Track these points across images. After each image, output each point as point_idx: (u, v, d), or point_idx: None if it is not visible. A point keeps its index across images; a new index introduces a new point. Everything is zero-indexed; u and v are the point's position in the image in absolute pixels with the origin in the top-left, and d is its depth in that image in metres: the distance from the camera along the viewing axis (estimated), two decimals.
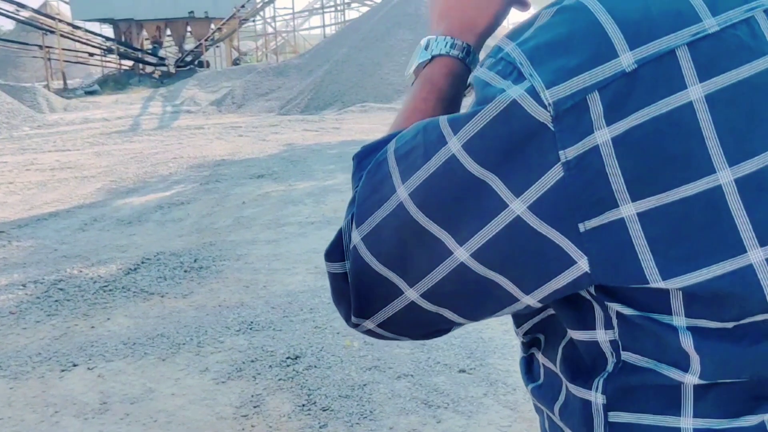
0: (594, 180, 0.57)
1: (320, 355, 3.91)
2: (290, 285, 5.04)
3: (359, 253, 0.69)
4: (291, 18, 36.85)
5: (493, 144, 0.59)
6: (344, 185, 8.11)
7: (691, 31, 0.57)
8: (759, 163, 0.56)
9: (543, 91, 0.57)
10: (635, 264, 0.58)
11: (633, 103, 0.56)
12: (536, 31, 0.61)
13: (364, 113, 15.86)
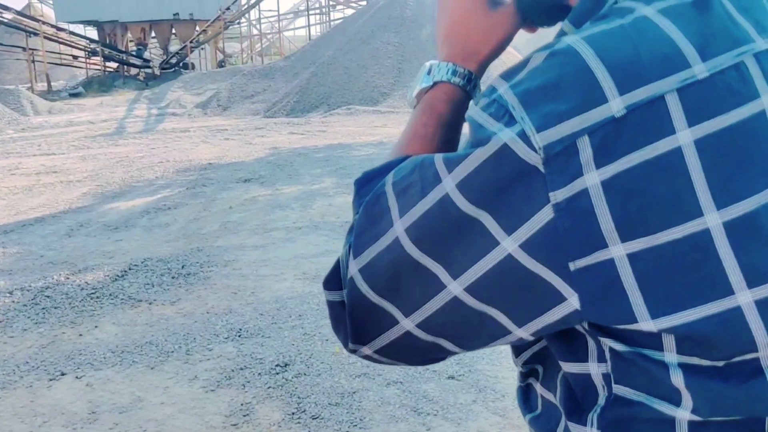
0: (584, 221, 0.58)
1: (309, 363, 3.91)
2: (278, 291, 5.04)
3: (356, 283, 0.71)
4: (276, 20, 36.80)
5: (485, 185, 0.61)
6: (331, 189, 8.12)
7: (681, 77, 0.58)
8: (746, 207, 0.58)
9: (534, 135, 0.58)
10: (624, 303, 0.59)
11: (622, 148, 0.57)
12: (528, 74, 0.62)
13: (350, 116, 15.87)
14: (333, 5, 31.65)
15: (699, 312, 0.59)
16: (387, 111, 15.87)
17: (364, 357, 0.77)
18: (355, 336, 0.75)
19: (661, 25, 0.61)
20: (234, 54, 36.81)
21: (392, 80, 17.40)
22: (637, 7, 0.63)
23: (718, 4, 0.63)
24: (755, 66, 0.61)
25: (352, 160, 9.84)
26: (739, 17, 0.63)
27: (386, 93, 17.01)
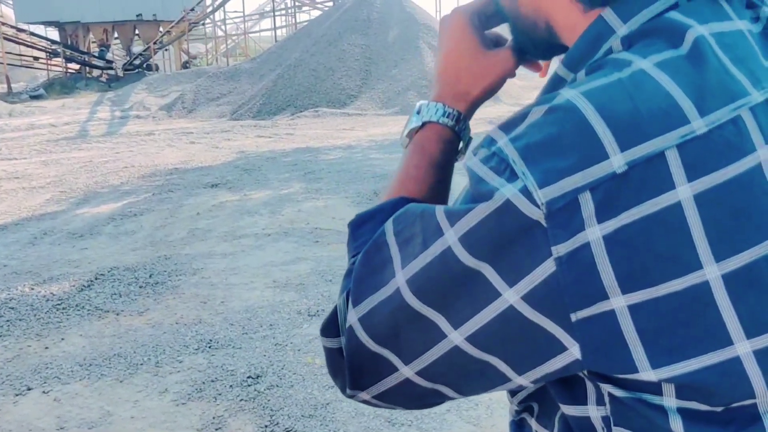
0: (585, 274, 0.59)
1: (282, 374, 3.89)
2: (249, 300, 5.00)
3: (355, 332, 0.72)
4: (241, 21, 36.56)
5: (487, 238, 0.61)
6: (300, 195, 8.08)
7: (681, 132, 0.59)
8: (745, 259, 0.59)
9: (536, 191, 0.59)
10: (625, 353, 0.60)
11: (623, 203, 0.58)
12: (528, 129, 0.62)
13: (318, 118, 15.82)
14: (299, 6, 31.53)
15: (699, 362, 0.59)
16: (354, 113, 15.85)
17: (362, 401, 0.78)
18: (354, 382, 0.75)
19: (659, 80, 0.61)
20: (199, 55, 36.49)
21: (359, 82, 17.39)
22: (634, 60, 0.63)
23: (712, 56, 0.63)
24: (751, 119, 0.61)
25: (321, 165, 9.80)
26: (733, 69, 0.63)
27: (353, 95, 16.99)
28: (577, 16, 0.72)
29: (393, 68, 17.40)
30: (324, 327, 0.76)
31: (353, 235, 0.82)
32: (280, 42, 23.68)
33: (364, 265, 0.72)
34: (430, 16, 20.88)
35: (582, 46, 0.70)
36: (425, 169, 0.84)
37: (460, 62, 0.87)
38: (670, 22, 0.65)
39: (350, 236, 0.83)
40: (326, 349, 0.77)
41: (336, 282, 5.23)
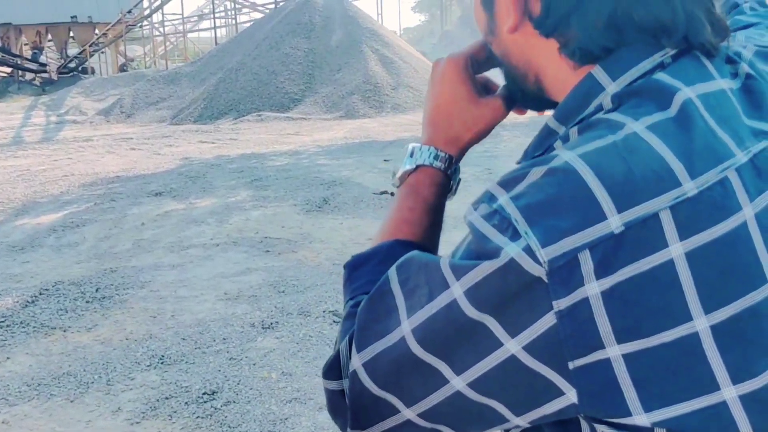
0: (584, 326, 0.62)
1: (238, 389, 3.85)
2: (200, 313, 4.93)
3: (358, 376, 0.74)
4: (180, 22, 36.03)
5: (492, 293, 0.64)
6: (248, 203, 8.00)
7: (673, 195, 0.63)
8: (731, 311, 0.63)
9: (539, 250, 0.62)
10: (620, 398, 0.63)
11: (620, 261, 0.62)
12: (528, 188, 0.65)
13: (261, 122, 15.70)
14: (239, 8, 31.22)
15: (689, 406, 0.63)
16: (299, 118, 15.77)
17: None
18: (355, 423, 0.78)
19: (652, 143, 0.64)
20: (136, 58, 35.81)
21: (303, 86, 17.31)
22: (627, 122, 0.66)
23: (699, 119, 0.66)
24: (737, 179, 0.65)
25: (268, 171, 9.72)
26: (719, 130, 0.67)
27: (297, 99, 16.91)
28: (567, 72, 0.75)
29: (337, 72, 17.37)
30: (326, 370, 0.78)
31: (350, 278, 0.85)
32: (221, 45, 23.42)
33: (369, 312, 0.74)
34: (373, 20, 20.92)
35: (572, 102, 0.73)
36: (420, 212, 0.87)
37: (453, 109, 0.89)
38: (658, 84, 0.68)
39: (347, 278, 0.86)
40: (328, 390, 0.79)
41: (288, 293, 5.21)
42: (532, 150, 0.79)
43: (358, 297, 0.81)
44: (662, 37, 0.70)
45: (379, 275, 0.79)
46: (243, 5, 31.47)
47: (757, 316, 0.64)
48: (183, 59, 31.15)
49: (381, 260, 0.83)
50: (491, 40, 0.84)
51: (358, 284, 0.83)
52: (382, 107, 15.86)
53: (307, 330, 4.54)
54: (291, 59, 17.96)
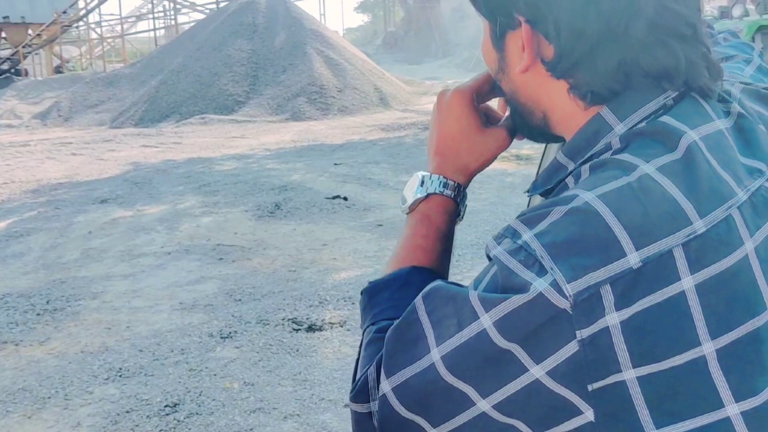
0: (604, 353, 0.68)
1: (200, 401, 3.82)
2: (156, 324, 4.88)
3: (388, 400, 0.79)
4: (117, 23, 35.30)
5: (519, 324, 0.69)
6: (197, 209, 7.92)
7: (685, 233, 0.69)
8: (734, 336, 0.69)
9: (565, 285, 0.68)
10: (633, 416, 0.69)
11: (638, 293, 0.68)
12: (551, 227, 0.71)
13: (204, 125, 15.51)
14: (178, 9, 30.73)
15: (696, 422, 0.69)
16: (243, 120, 15.63)
17: None
18: None
19: (663, 185, 0.71)
20: (72, 59, 34.95)
21: (247, 88, 17.17)
22: (639, 164, 0.72)
23: (703, 161, 0.73)
24: (739, 217, 0.72)
25: (216, 176, 9.63)
26: (721, 171, 0.73)
27: (241, 101, 16.76)
28: (575, 111, 0.81)
29: (281, 74, 17.27)
30: (355, 395, 0.83)
31: (370, 303, 0.90)
32: (162, 47, 23.05)
33: (397, 340, 0.79)
34: (317, 21, 20.86)
35: (582, 139, 0.79)
36: (433, 239, 0.92)
37: (461, 140, 0.95)
38: (665, 126, 0.74)
39: (366, 303, 0.91)
40: (356, 413, 0.84)
41: (245, 301, 5.19)
42: (542, 183, 0.84)
43: (381, 323, 0.86)
44: (664, 81, 0.76)
45: (399, 301, 0.85)
46: (182, 5, 31.00)
47: (757, 340, 0.71)
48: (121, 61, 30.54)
49: (400, 286, 0.89)
50: (501, 77, 0.89)
51: (379, 310, 0.88)
52: (328, 109, 15.85)
53: (267, 339, 4.53)
54: (234, 61, 17.79)
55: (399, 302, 0.84)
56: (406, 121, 13.82)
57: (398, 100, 17.01)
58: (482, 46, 0.91)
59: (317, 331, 4.65)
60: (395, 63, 27.58)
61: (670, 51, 0.76)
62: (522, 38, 0.80)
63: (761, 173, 0.77)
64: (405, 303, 0.81)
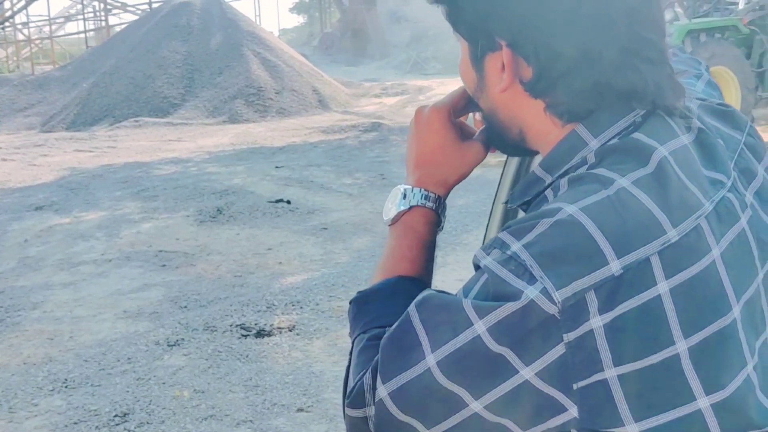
0: (588, 354, 0.74)
1: (150, 410, 3.79)
2: (100, 333, 4.80)
3: (385, 405, 0.83)
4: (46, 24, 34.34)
5: (511, 329, 0.75)
6: (137, 215, 7.79)
7: (661, 241, 0.75)
8: (704, 334, 0.76)
9: (554, 292, 0.73)
10: (614, 411, 0.75)
11: (619, 298, 0.74)
12: (539, 238, 0.76)
13: (139, 128, 15.21)
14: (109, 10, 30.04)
15: (671, 415, 0.75)
16: (179, 123, 15.39)
17: None
18: None
19: (639, 197, 0.77)
20: None
21: (182, 90, 16.90)
22: (616, 178, 0.78)
23: (673, 174, 0.79)
24: (707, 225, 0.79)
25: (155, 181, 9.48)
26: (689, 183, 0.80)
27: (177, 104, 16.49)
28: (550, 128, 0.87)
29: (218, 75, 17.06)
30: (351, 400, 0.87)
31: (360, 312, 0.94)
32: (93, 48, 22.55)
33: (392, 348, 0.83)
34: (253, 23, 20.69)
35: (558, 154, 0.86)
36: (417, 249, 0.97)
37: (440, 154, 1.00)
38: (637, 143, 0.81)
39: (356, 312, 0.95)
40: (352, 418, 0.87)
41: (191, 308, 5.15)
42: (520, 194, 0.90)
43: (372, 331, 0.90)
44: (634, 101, 0.83)
45: (389, 309, 0.89)
46: (113, 6, 30.35)
47: (724, 338, 0.77)
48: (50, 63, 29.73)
49: (388, 295, 0.93)
50: (479, 96, 0.94)
51: (369, 318, 0.92)
52: (266, 111, 15.73)
53: (216, 345, 4.51)
54: (169, 63, 17.50)
55: (388, 311, 0.89)
56: (347, 123, 13.83)
57: (337, 101, 17.01)
58: (460, 65, 0.95)
59: (266, 336, 4.65)
60: (332, 64, 27.55)
61: (640, 73, 0.82)
62: (502, 60, 0.86)
63: (723, 184, 0.84)
64: (394, 311, 0.86)
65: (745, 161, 0.91)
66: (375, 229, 6.84)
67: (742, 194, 0.87)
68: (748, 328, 0.80)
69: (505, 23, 0.84)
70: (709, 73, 1.12)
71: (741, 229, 0.83)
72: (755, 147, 0.95)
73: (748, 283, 0.82)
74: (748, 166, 0.91)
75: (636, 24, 0.82)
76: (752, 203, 0.88)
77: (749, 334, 0.80)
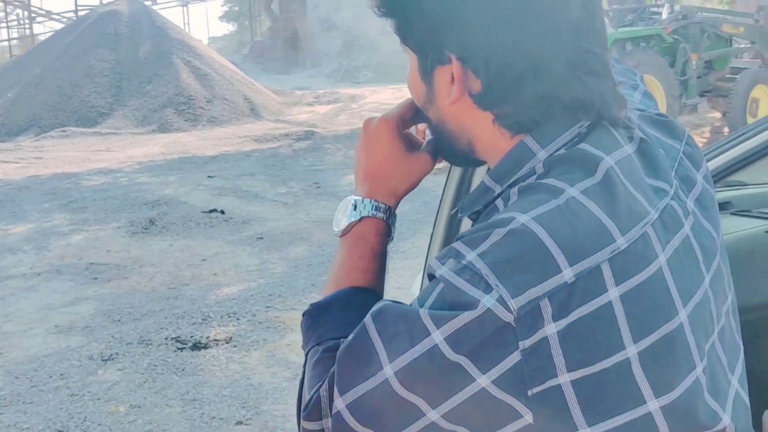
0: (542, 360, 0.75)
1: (85, 427, 3.72)
2: (31, 349, 4.69)
3: (342, 417, 0.84)
4: None
5: (468, 338, 0.76)
6: (66, 227, 7.62)
7: (610, 249, 0.78)
8: (652, 339, 0.78)
9: (509, 301, 0.75)
10: (567, 416, 0.77)
11: (572, 305, 0.76)
12: (493, 248, 0.78)
13: (67, 139, 14.83)
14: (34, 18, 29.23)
15: (623, 418, 0.77)
16: (108, 132, 15.07)
17: None
18: None
19: (588, 207, 0.80)
20: None
21: (111, 99, 16.56)
22: (565, 188, 0.81)
23: (620, 184, 0.82)
24: (653, 233, 0.82)
25: (84, 192, 9.26)
26: (634, 192, 0.83)
27: (105, 113, 16.15)
28: (499, 139, 0.89)
29: (147, 84, 16.78)
30: (308, 414, 0.87)
31: (313, 323, 0.95)
32: (17, 57, 21.90)
33: (349, 359, 0.84)
34: (183, 31, 20.41)
35: (507, 164, 0.88)
36: (369, 259, 0.98)
37: (389, 165, 1.01)
38: (584, 153, 0.84)
39: (309, 324, 0.95)
40: (308, 431, 0.88)
41: (125, 321, 5.07)
42: (470, 204, 0.93)
43: (327, 343, 0.91)
44: (580, 112, 0.86)
45: (343, 321, 0.90)
46: (38, 14, 29.54)
47: (672, 341, 0.80)
48: None
49: (342, 307, 0.94)
50: (428, 108, 0.95)
51: (323, 330, 0.93)
52: (197, 120, 15.54)
53: (151, 359, 4.46)
54: (96, 71, 17.13)
55: (342, 322, 0.90)
56: (279, 131, 13.78)
57: (269, 110, 16.92)
58: (408, 78, 0.96)
59: (203, 348, 4.61)
60: (263, 73, 27.39)
61: (586, 85, 0.85)
62: (451, 72, 0.87)
63: (666, 193, 0.87)
64: (348, 323, 0.87)
65: (685, 169, 0.94)
66: (311, 238, 6.83)
67: (684, 202, 0.90)
68: (698, 332, 0.83)
69: (456, 38, 0.85)
70: (644, 84, 1.16)
71: (685, 235, 0.86)
72: (693, 156, 0.98)
73: (695, 288, 0.85)
74: (687, 174, 0.94)
75: (581, 37, 0.85)
76: (693, 210, 0.90)
77: (698, 337, 0.83)
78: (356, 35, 29.90)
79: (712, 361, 0.85)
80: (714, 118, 12.74)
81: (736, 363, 0.93)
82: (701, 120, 12.58)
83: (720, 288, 0.92)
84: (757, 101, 10.74)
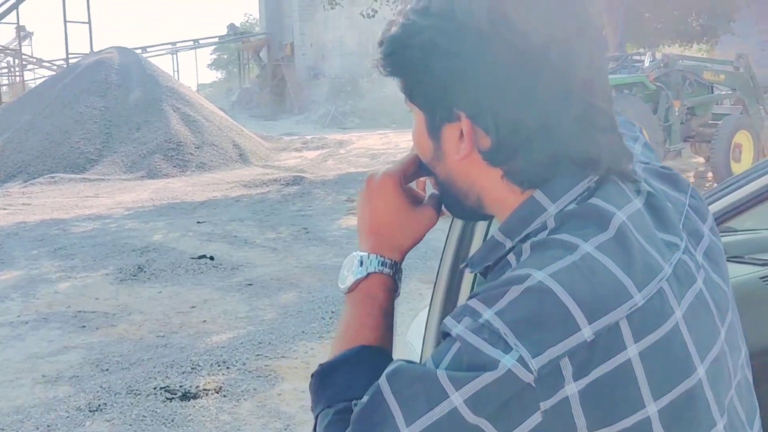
0: (564, 421, 0.75)
1: None
2: (17, 400, 4.61)
3: None
4: None
5: (489, 400, 0.75)
6: (54, 274, 7.56)
7: (628, 306, 0.77)
8: (672, 396, 0.78)
9: (530, 361, 0.74)
10: None
11: (592, 364, 0.75)
12: (510, 305, 0.77)
13: (55, 185, 14.82)
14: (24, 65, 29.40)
15: None
16: (96, 179, 15.08)
17: None
18: None
19: (604, 263, 0.79)
20: None
21: (99, 146, 16.60)
22: (579, 243, 0.80)
23: (633, 239, 0.82)
24: (668, 288, 0.81)
25: (72, 239, 9.22)
26: (648, 247, 0.83)
27: (94, 159, 16.18)
28: (509, 194, 0.89)
29: (136, 131, 16.85)
30: None
31: (322, 384, 0.92)
32: (7, 104, 21.96)
33: (364, 422, 0.81)
34: (172, 78, 20.59)
35: (517, 220, 0.87)
36: (376, 316, 0.96)
37: (394, 220, 1.00)
38: (596, 208, 0.83)
39: (318, 384, 0.93)
40: None
41: (113, 371, 5.00)
42: (480, 259, 0.91)
43: (338, 405, 0.88)
44: (590, 168, 0.85)
45: (354, 381, 0.88)
46: (29, 61, 29.72)
47: (691, 398, 0.79)
48: None
49: (352, 367, 0.92)
50: (435, 164, 0.95)
51: (334, 392, 0.90)
52: (186, 166, 15.59)
53: (140, 410, 4.39)
54: (86, 118, 17.20)
55: (353, 383, 0.88)
56: (268, 177, 13.82)
57: (258, 156, 17.00)
58: (415, 134, 0.96)
59: (192, 398, 4.54)
60: (251, 119, 27.58)
61: (595, 142, 0.85)
62: (460, 129, 0.87)
63: (677, 247, 0.86)
64: (360, 383, 0.85)
65: (692, 223, 0.94)
66: (301, 284, 6.79)
67: (694, 255, 0.89)
68: (716, 387, 0.82)
69: (466, 96, 0.85)
70: (644, 136, 1.15)
71: (698, 289, 0.86)
72: (699, 208, 0.97)
73: (711, 343, 0.84)
74: (695, 228, 0.93)
75: (588, 93, 0.85)
76: (703, 264, 0.90)
77: (717, 393, 0.82)
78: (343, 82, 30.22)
79: (731, 417, 0.85)
80: (697, 163, 12.90)
81: (754, 418, 0.93)
82: (685, 165, 12.73)
83: (734, 341, 0.92)
84: (740, 146, 10.90)
